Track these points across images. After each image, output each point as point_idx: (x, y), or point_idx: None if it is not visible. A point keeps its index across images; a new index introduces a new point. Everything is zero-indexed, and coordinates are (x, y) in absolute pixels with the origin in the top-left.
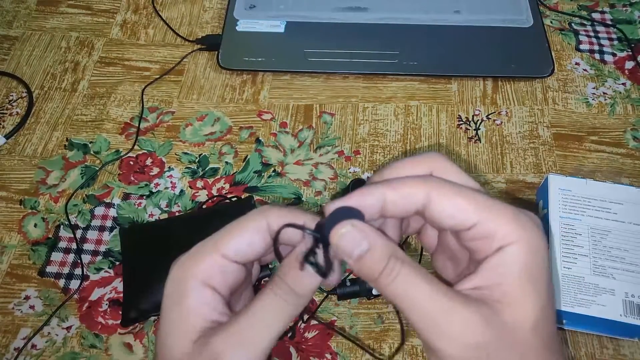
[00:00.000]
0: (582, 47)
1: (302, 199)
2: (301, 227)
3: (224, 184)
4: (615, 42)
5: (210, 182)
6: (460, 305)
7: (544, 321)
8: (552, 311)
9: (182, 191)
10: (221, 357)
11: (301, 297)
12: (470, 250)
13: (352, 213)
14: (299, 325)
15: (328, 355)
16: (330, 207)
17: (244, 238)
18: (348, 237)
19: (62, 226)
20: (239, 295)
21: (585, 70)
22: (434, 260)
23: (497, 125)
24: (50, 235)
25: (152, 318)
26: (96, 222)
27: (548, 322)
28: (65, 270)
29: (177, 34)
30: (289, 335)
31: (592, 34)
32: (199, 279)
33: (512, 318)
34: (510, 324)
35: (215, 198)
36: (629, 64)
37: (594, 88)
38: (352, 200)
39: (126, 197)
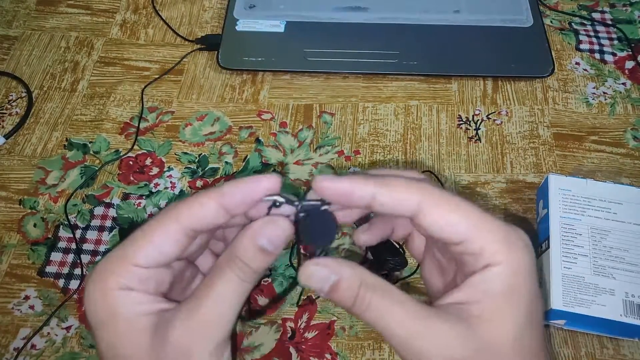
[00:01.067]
0: (582, 46)
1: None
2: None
3: (223, 183)
4: (616, 42)
5: (210, 182)
6: (435, 324)
7: (524, 338)
8: (535, 329)
9: (181, 191)
10: (191, 350)
11: (258, 273)
12: (458, 263)
13: (325, 216)
14: (299, 325)
15: (328, 356)
16: (319, 184)
17: (153, 246)
18: (315, 277)
19: (61, 226)
20: (184, 284)
21: (585, 70)
22: (422, 269)
23: (497, 125)
24: (49, 235)
25: None
26: (96, 222)
27: (530, 339)
28: (65, 270)
29: (177, 34)
30: (288, 335)
31: (592, 33)
32: (120, 289)
33: (489, 334)
34: (488, 340)
35: None
36: (629, 64)
37: (594, 88)
38: (342, 185)
39: (126, 197)
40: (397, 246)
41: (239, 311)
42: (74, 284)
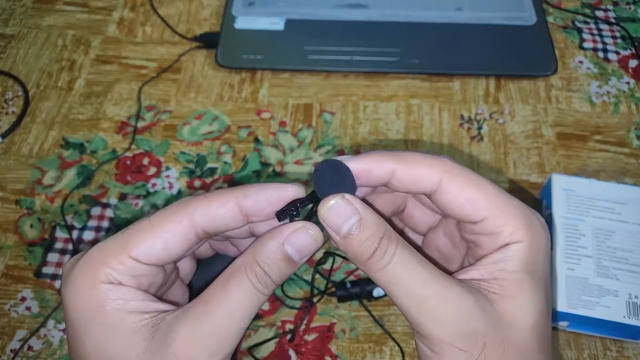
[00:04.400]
0: (585, 45)
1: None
2: (298, 204)
3: (222, 183)
4: (619, 41)
5: (208, 182)
6: (457, 291)
7: (542, 322)
8: (549, 314)
9: (179, 191)
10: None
11: (275, 285)
12: (472, 243)
13: (343, 174)
14: (299, 328)
15: (328, 359)
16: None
17: (158, 240)
18: (336, 210)
19: (58, 227)
20: (165, 291)
21: (588, 68)
22: (424, 247)
23: (500, 124)
24: (46, 236)
25: None
26: (92, 223)
27: (546, 324)
28: (62, 271)
29: (175, 32)
30: (288, 338)
31: (595, 32)
32: (108, 283)
33: (509, 313)
34: (508, 317)
35: None
36: (633, 63)
37: (597, 87)
38: (361, 164)
39: (123, 197)
40: None
41: (248, 326)
42: None
